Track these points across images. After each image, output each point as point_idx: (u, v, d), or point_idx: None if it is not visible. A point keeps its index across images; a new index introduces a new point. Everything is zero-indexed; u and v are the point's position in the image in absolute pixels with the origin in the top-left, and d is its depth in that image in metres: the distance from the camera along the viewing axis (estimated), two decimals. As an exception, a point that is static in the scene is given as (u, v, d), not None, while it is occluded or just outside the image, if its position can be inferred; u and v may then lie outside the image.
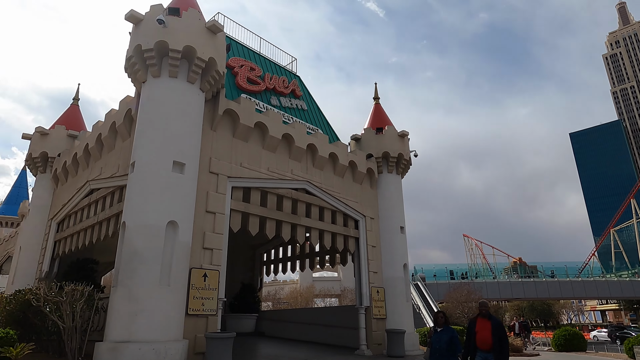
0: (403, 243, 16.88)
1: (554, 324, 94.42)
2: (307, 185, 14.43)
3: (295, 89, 17.34)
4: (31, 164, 17.17)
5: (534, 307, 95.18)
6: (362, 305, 15.08)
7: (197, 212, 10.83)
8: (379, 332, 15.13)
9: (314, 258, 19.79)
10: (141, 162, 10.04)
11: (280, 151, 13.81)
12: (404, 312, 15.93)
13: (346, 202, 15.62)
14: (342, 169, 15.78)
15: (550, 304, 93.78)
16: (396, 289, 16.01)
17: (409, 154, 18.02)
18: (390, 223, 16.84)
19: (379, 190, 17.37)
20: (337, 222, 15.33)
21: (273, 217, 12.99)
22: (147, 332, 8.77)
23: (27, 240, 16.45)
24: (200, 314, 10.25)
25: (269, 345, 16.17)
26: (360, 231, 16.04)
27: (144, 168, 9.96)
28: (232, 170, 12.07)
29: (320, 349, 15.69)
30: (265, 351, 14.57)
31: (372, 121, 18.49)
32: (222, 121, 12.30)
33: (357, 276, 15.69)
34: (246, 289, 21.14)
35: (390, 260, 16.35)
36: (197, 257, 10.59)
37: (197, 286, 10.35)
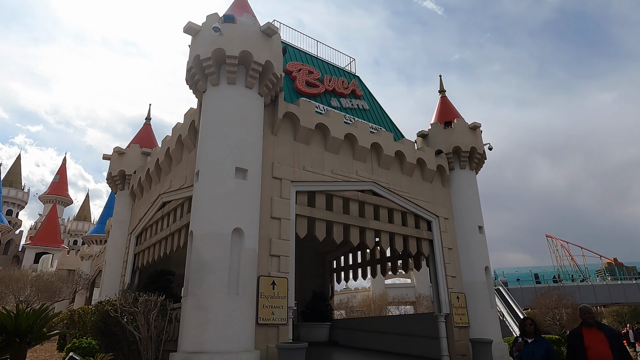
0: (482, 244, 15.50)
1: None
2: (374, 186, 13.72)
3: (356, 89, 16.78)
4: (111, 182, 18.26)
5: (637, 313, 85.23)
6: (442, 313, 13.97)
7: (262, 219, 10.60)
8: (462, 342, 13.89)
9: (386, 263, 18.93)
10: (205, 171, 10.02)
11: (344, 152, 13.28)
12: (489, 319, 14.52)
13: (416, 202, 14.67)
14: (410, 167, 14.88)
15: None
16: (478, 294, 14.67)
17: (482, 147, 16.63)
18: (467, 223, 15.55)
19: (452, 188, 16.17)
20: (408, 223, 14.42)
21: (340, 221, 12.45)
22: (218, 343, 8.57)
23: (112, 255, 17.43)
24: (271, 324, 9.92)
25: (344, 356, 15.54)
26: (434, 233, 14.97)
27: (208, 176, 9.91)
28: (295, 175, 11.74)
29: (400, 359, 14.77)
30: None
31: (439, 115, 17.37)
32: (283, 125, 12.05)
33: (433, 281, 14.61)
34: (317, 297, 20.76)
35: (469, 263, 15.06)
36: (264, 264, 10.32)
37: (266, 295, 10.05)
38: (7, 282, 27.20)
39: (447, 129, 16.45)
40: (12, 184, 78.94)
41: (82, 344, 8.58)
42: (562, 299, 34.26)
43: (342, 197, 12.83)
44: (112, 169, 18.13)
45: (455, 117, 16.81)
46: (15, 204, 79.36)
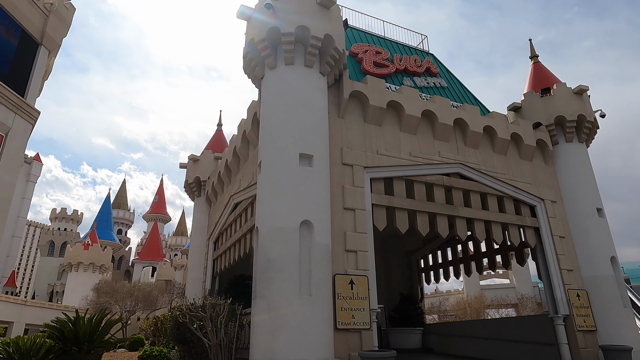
0: (604, 230, 12.76)
1: None
2: (461, 169, 11.87)
3: (431, 67, 15.01)
4: (188, 190, 18.41)
5: None
6: (559, 314, 11.59)
7: (334, 210, 9.41)
8: (590, 349, 11.37)
9: (481, 259, 16.67)
10: (267, 161, 9.12)
11: (422, 132, 11.66)
12: (622, 321, 11.78)
13: (514, 184, 12.48)
14: (504, 144, 12.74)
15: None
16: (604, 291, 12.01)
17: (592, 114, 13.86)
18: (581, 205, 12.93)
19: (557, 165, 13.63)
20: (507, 209, 12.28)
21: (424, 209, 10.82)
22: (292, 350, 7.49)
23: (193, 261, 17.46)
24: (352, 329, 8.64)
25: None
26: (540, 219, 12.61)
27: (270, 166, 8.99)
28: (367, 160, 10.41)
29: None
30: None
31: (534, 82, 14.90)
32: (350, 106, 10.82)
33: (544, 277, 12.25)
34: (406, 300, 19.02)
35: (588, 254, 12.44)
36: (339, 261, 9.10)
37: (343, 295, 8.81)
38: (111, 293, 29.12)
39: (545, 97, 13.97)
40: (120, 205, 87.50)
41: (154, 351, 8.04)
42: None
43: (424, 182, 11.20)
44: (188, 177, 18.28)
45: (554, 83, 14.25)
46: (124, 224, 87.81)
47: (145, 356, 8.08)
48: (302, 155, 8.95)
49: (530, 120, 13.76)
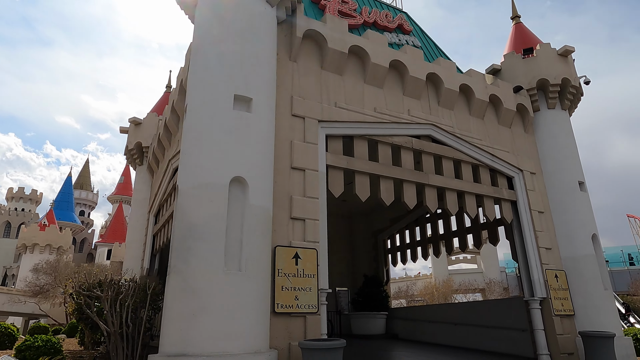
0: (586, 205, 11.57)
1: None
2: (433, 131, 10.33)
3: (404, 24, 13.32)
4: (129, 157, 16.26)
5: None
6: (535, 297, 10.34)
7: (279, 169, 7.68)
8: (567, 336, 10.20)
9: (451, 239, 15.38)
10: (194, 102, 7.26)
11: (390, 86, 10.01)
12: (603, 305, 10.65)
13: (492, 152, 11.06)
14: (481, 106, 11.27)
15: None
16: (585, 272, 10.83)
17: (577, 79, 12.57)
18: (562, 178, 11.68)
19: (538, 134, 12.31)
20: (482, 180, 10.88)
21: (389, 174, 9.23)
22: (213, 341, 5.79)
23: (132, 237, 15.45)
24: (294, 312, 7.01)
25: (406, 354, 12.36)
26: (518, 192, 11.28)
27: (197, 108, 7.14)
28: (323, 113, 8.68)
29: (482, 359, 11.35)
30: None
31: (515, 43, 13.47)
32: (305, 48, 9.02)
33: (520, 257, 10.96)
34: (370, 282, 17.64)
35: (568, 232, 11.23)
36: (283, 231, 7.41)
37: (286, 272, 7.15)
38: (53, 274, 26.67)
39: (527, 58, 12.56)
40: (82, 186, 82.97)
41: (37, 342, 6.17)
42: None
43: (390, 144, 9.60)
44: (129, 142, 16.11)
45: (537, 44, 12.85)
46: (87, 205, 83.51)
47: (24, 348, 6.22)
48: (238, 98, 7.13)
49: (511, 83, 12.35)
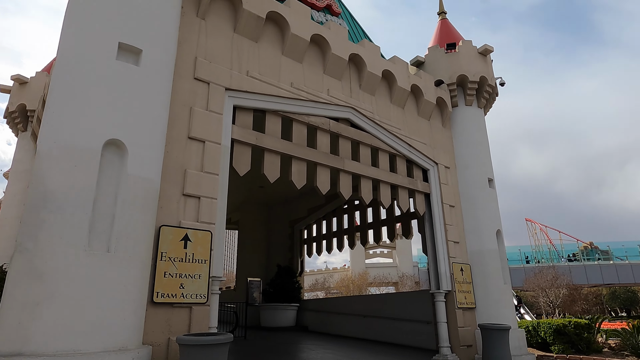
0: (493, 201, 11.88)
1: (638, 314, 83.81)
2: (353, 115, 9.85)
3: (332, 5, 12.69)
4: (10, 122, 13.91)
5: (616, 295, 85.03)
6: (441, 290, 10.35)
7: (173, 138, 6.65)
8: (468, 328, 10.34)
9: (366, 231, 15.22)
10: (66, 46, 5.94)
11: (310, 62, 9.32)
12: (502, 299, 10.98)
13: (410, 142, 10.88)
14: (402, 95, 11.03)
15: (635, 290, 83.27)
16: (487, 266, 11.09)
17: (494, 79, 12.89)
18: (473, 174, 11.88)
19: (455, 129, 12.43)
20: (398, 170, 10.65)
21: (302, 156, 8.55)
22: (61, 335, 4.67)
23: (7, 214, 13.21)
24: (178, 303, 6.05)
25: (313, 347, 11.88)
26: (432, 185, 11.25)
27: (69, 54, 5.84)
28: (233, 80, 7.74)
29: (386, 351, 11.18)
30: (312, 356, 10.27)
31: (440, 37, 13.50)
32: (216, 6, 7.99)
33: (429, 249, 10.93)
34: (283, 273, 17.04)
35: (476, 227, 11.44)
36: (172, 208, 6.40)
37: (171, 256, 6.15)
38: None
39: (449, 53, 12.61)
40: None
41: None
42: (556, 279, 31.55)
43: (306, 123, 8.92)
44: (10, 104, 13.75)
45: (460, 40, 12.96)
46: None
47: None
48: (123, 47, 5.95)
49: (433, 77, 12.30)
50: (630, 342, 10.97)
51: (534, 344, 12.25)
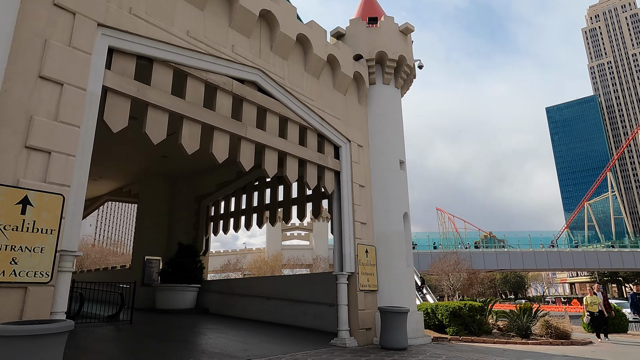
0: (403, 184, 11.72)
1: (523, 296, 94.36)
2: (260, 78, 8.88)
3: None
4: None
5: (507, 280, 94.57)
6: (344, 272, 9.94)
7: (14, 74, 5.21)
8: (369, 311, 10.09)
9: (276, 210, 14.47)
10: None
11: (214, 10, 8.14)
12: (404, 282, 10.91)
13: (322, 115, 10.21)
14: (318, 64, 10.28)
15: (522, 275, 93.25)
16: (393, 248, 10.93)
17: (412, 59, 12.65)
18: (386, 155, 11.60)
19: (371, 107, 12.02)
20: (308, 143, 9.95)
21: (196, 117, 7.44)
22: None
23: None
24: (5, 282, 4.76)
25: (207, 331, 10.93)
26: (343, 162, 10.74)
27: None
28: (109, 15, 6.36)
29: (283, 335, 10.57)
30: (201, 341, 9.31)
31: (362, 10, 12.94)
32: None
33: (336, 230, 10.46)
34: (184, 252, 15.74)
35: (384, 208, 11.19)
36: (6, 162, 5.01)
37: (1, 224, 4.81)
38: None
39: (371, 27, 12.09)
40: None
41: None
42: (458, 264, 33.64)
43: (204, 81, 7.80)
44: None
45: (382, 15, 12.51)
46: None
47: None
48: None
49: (353, 51, 11.72)
50: (517, 324, 11.56)
51: (432, 326, 12.49)
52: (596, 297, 12.70)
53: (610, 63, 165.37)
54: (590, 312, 12.59)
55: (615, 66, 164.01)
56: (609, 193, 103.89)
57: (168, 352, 7.66)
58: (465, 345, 10.06)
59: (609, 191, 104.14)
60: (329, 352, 8.51)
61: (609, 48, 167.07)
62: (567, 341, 10.94)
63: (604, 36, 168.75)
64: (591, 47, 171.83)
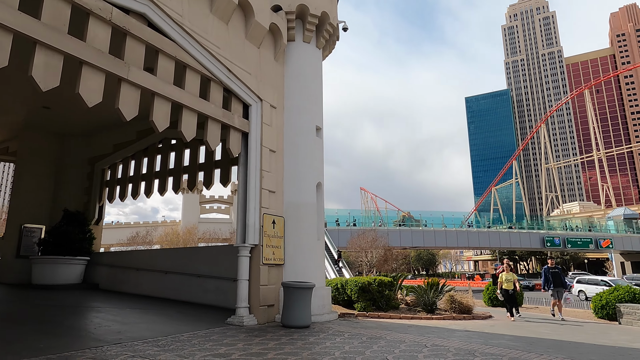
0: (319, 152, 10.92)
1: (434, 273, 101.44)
2: (151, 10, 7.39)
3: None
4: None
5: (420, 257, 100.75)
6: (246, 244, 8.97)
7: None
8: (272, 286, 9.27)
9: (180, 175, 13.02)
10: None
11: None
12: (314, 256, 10.22)
13: (230, 67, 8.95)
14: (227, 7, 8.93)
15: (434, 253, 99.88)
16: (303, 220, 10.15)
17: (337, 19, 11.74)
18: (302, 119, 10.66)
19: (289, 66, 10.94)
20: (212, 98, 8.67)
21: (55, 45, 5.84)
22: None
23: None
24: None
25: (90, 309, 9.42)
26: (252, 123, 9.62)
27: None
28: None
29: (178, 314, 9.40)
30: (70, 322, 7.83)
31: (286, -43, 11.65)
32: None
33: (240, 196, 9.40)
34: (71, 219, 13.75)
35: (296, 176, 10.32)
36: None
37: None
38: None
39: (293, -24, 10.88)
40: None
41: None
42: (375, 241, 34.34)
43: (71, 2, 6.18)
44: None
45: (307, -34, 11.34)
46: None
47: None
48: None
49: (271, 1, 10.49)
50: (423, 299, 11.51)
51: (341, 302, 12.08)
52: (512, 274, 12.16)
53: (523, 61, 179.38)
54: (505, 289, 11.98)
55: (527, 64, 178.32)
56: (513, 180, 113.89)
57: (19, 336, 6.18)
58: (371, 322, 9.69)
59: (513, 178, 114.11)
60: (222, 332, 7.56)
61: (523, 46, 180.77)
62: (469, 316, 11.10)
63: (520, 35, 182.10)
64: (508, 44, 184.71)
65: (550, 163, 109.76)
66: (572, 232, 59.85)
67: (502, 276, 12.24)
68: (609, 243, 54.85)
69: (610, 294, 11.88)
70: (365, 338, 7.34)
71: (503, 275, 12.22)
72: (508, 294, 11.95)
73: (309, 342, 6.77)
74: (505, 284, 12.01)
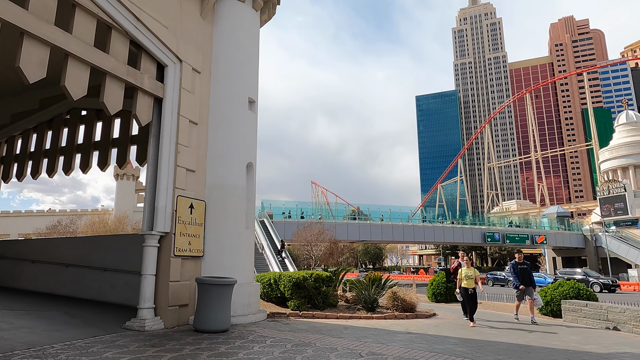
0: (251, 127, 9.48)
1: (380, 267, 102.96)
2: None
3: None
4: None
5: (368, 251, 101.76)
6: (154, 232, 7.41)
7: None
8: (186, 282, 7.77)
9: (72, 154, 11.09)
10: None
11: None
12: (242, 247, 8.81)
13: (140, 16, 7.29)
14: (137, -60, 7.25)
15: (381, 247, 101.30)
16: (230, 205, 8.70)
17: (278, -21, 10.31)
18: (233, 89, 9.17)
19: (218, 26, 9.39)
20: (113, 50, 6.99)
21: None
22: None
23: None
24: None
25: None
26: (169, 88, 8.01)
27: None
28: None
29: (70, 315, 7.64)
30: None
31: None
32: None
33: (149, 175, 7.80)
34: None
35: (223, 154, 8.84)
36: None
37: None
38: None
39: None
40: None
41: None
42: (321, 233, 33.34)
43: None
44: None
45: None
46: None
47: None
48: None
49: (198, -55, 8.86)
50: (364, 296, 10.46)
51: (274, 299, 10.79)
52: (473, 269, 9.86)
53: (471, 63, 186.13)
54: (464, 288, 9.73)
55: (474, 66, 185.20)
56: (458, 178, 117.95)
57: None
58: (304, 323, 8.47)
59: (458, 176, 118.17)
60: (111, 340, 6.01)
61: (471, 49, 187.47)
62: (412, 314, 10.19)
63: (469, 38, 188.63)
64: (457, 47, 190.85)
65: (492, 162, 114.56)
66: (511, 228, 62.40)
67: (461, 272, 9.96)
68: (543, 239, 57.70)
69: (555, 289, 11.45)
70: (290, 345, 6.09)
71: (463, 270, 9.94)
72: (468, 293, 9.69)
73: (217, 354, 5.40)
74: (465, 281, 9.73)
